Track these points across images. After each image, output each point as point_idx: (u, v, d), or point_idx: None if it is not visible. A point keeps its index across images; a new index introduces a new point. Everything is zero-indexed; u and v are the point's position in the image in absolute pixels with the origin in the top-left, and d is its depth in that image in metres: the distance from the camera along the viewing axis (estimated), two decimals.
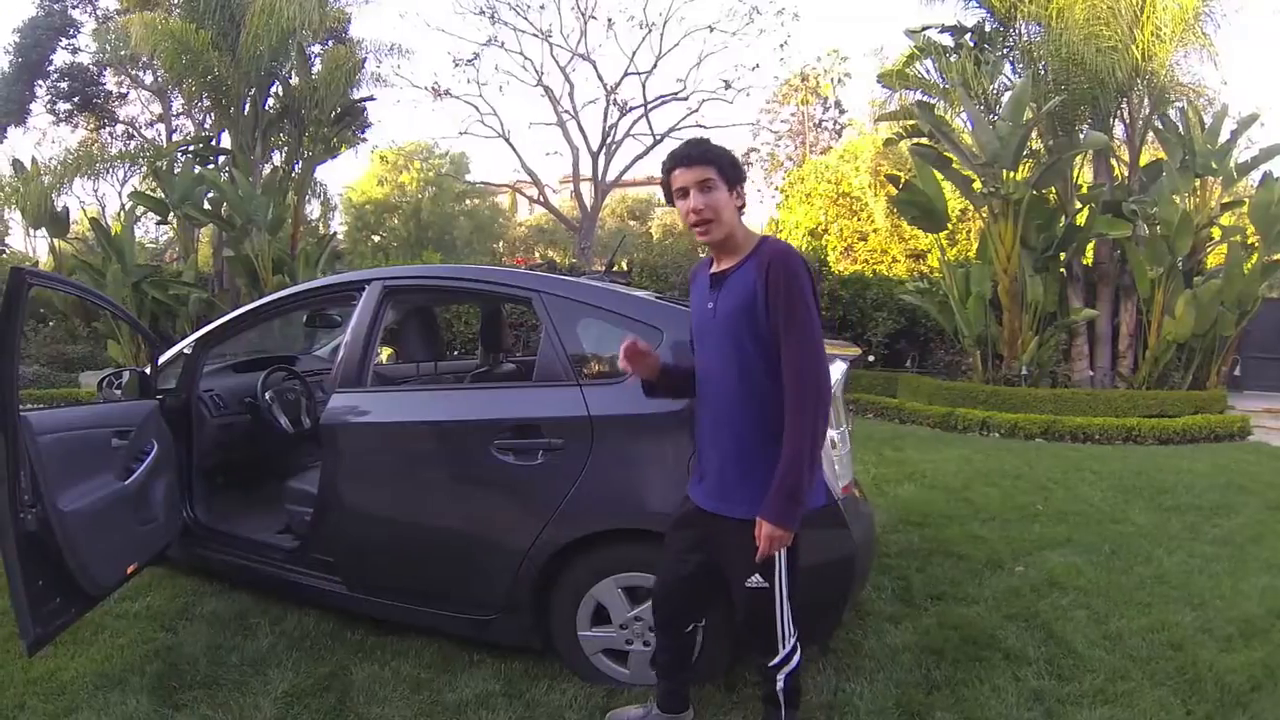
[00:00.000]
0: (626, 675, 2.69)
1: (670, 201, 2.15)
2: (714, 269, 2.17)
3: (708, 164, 2.06)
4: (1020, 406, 8.66)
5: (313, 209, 20.50)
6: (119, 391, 3.69)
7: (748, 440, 2.06)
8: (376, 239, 30.11)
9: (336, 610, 3.21)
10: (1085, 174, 11.24)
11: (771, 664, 2.15)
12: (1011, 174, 9.27)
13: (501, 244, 31.09)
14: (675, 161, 2.09)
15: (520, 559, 2.69)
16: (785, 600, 2.09)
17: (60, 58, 19.73)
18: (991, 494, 5.40)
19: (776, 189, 24.56)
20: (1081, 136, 9.84)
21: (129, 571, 3.02)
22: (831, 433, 2.52)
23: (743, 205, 2.13)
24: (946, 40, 11.10)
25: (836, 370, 2.61)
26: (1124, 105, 10.11)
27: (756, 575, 2.07)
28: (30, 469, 2.46)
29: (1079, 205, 10.03)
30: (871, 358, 11.53)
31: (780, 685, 2.16)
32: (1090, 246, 10.27)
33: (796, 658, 2.17)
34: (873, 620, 3.25)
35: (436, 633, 3.01)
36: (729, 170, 2.08)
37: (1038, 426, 8.01)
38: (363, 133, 16.82)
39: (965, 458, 6.71)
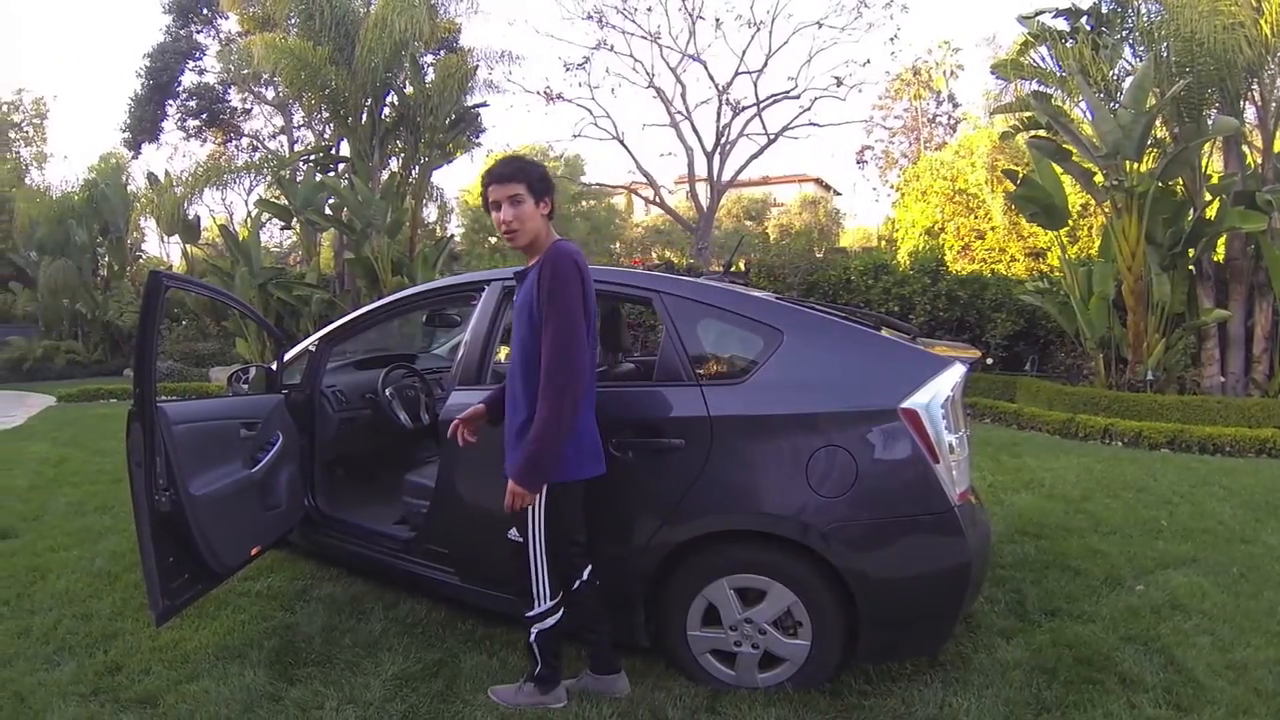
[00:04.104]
0: (732, 677, 2.67)
1: (488, 211, 2.48)
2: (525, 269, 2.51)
3: (517, 180, 2.40)
4: (1145, 414, 8.13)
5: (430, 212, 21.41)
6: (247, 386, 3.93)
7: (525, 412, 2.39)
8: (493, 240, 30.82)
9: (448, 600, 3.31)
10: (1215, 163, 10.45)
11: (528, 614, 2.52)
12: (1135, 165, 8.73)
13: (618, 245, 31.30)
14: (490, 178, 2.42)
15: (635, 557, 2.71)
16: (541, 559, 2.45)
17: (188, 79, 21.34)
18: (1112, 506, 5.11)
19: (892, 187, 23.99)
20: (1209, 122, 9.08)
21: (252, 553, 3.24)
22: (950, 437, 2.47)
23: (549, 213, 2.47)
24: (1061, 25, 10.49)
25: (955, 373, 2.55)
26: (1254, 86, 9.30)
27: (514, 529, 2.49)
28: (165, 455, 2.66)
29: (1209, 197, 9.27)
30: (989, 360, 11.09)
31: (531, 638, 2.52)
32: (1221, 241, 9.50)
33: (552, 619, 2.50)
34: (984, 634, 3.12)
35: None
36: (536, 184, 2.42)
37: (1163, 435, 7.49)
38: (477, 137, 17.37)
39: (1085, 467, 6.36)
